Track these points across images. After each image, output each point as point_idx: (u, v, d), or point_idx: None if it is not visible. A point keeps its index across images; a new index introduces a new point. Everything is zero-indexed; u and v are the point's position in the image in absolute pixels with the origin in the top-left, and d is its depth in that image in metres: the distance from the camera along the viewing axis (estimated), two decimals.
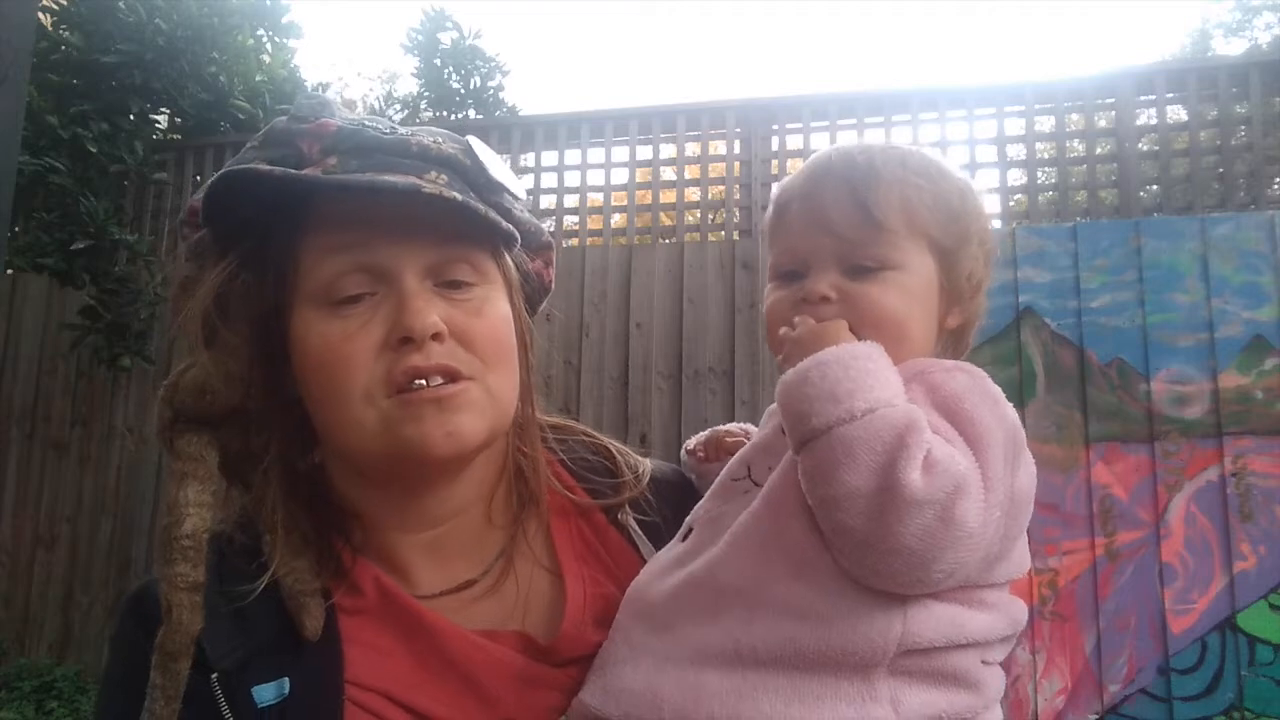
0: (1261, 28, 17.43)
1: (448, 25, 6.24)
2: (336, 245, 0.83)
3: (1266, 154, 4.75)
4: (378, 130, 0.88)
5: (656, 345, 5.04)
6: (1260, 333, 4.02)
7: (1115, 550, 3.99)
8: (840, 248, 0.85)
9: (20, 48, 2.78)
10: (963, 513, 0.70)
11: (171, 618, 0.79)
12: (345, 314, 0.83)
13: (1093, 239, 4.28)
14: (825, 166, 0.89)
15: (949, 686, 0.76)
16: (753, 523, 0.80)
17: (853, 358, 0.77)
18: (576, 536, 0.97)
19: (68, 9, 5.92)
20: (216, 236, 0.87)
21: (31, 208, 5.80)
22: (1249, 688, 3.78)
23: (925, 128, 5.16)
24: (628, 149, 5.63)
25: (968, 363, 0.85)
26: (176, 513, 0.83)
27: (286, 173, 0.81)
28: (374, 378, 0.81)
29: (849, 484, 0.71)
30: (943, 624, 0.75)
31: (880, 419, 0.72)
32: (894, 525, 0.69)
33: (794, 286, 0.88)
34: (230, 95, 6.20)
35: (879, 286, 0.84)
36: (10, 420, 5.92)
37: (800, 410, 0.75)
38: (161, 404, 0.89)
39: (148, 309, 5.63)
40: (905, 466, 0.70)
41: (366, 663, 0.83)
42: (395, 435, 0.81)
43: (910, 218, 0.85)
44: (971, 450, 0.74)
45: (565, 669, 0.87)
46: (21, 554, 5.76)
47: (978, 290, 0.91)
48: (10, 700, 5.03)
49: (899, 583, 0.72)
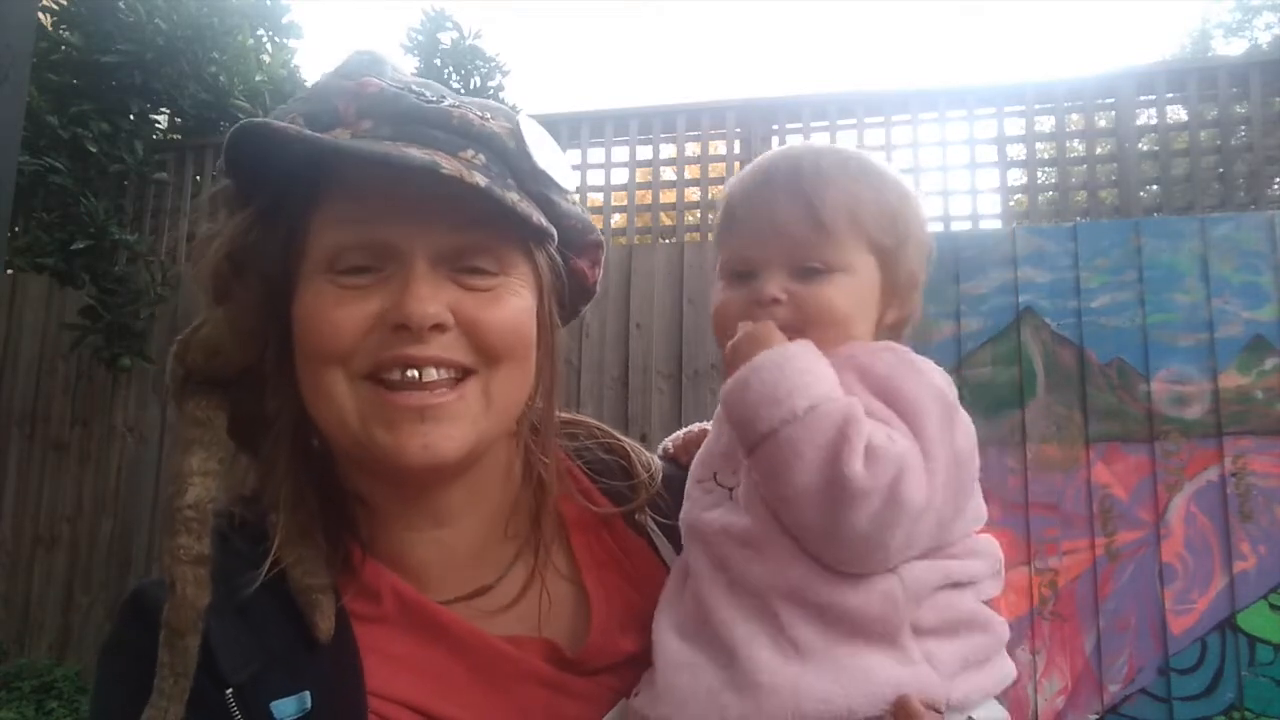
0: (1261, 28, 17.44)
1: (448, 25, 6.23)
2: (349, 215, 0.78)
3: (1266, 154, 4.75)
4: (421, 97, 0.81)
5: (656, 345, 5.04)
6: (1260, 333, 4.01)
7: (1115, 550, 3.99)
8: (789, 250, 0.88)
9: (20, 48, 2.78)
10: (907, 491, 0.74)
11: (175, 592, 0.74)
12: (345, 283, 0.78)
13: (1093, 239, 4.28)
14: (772, 170, 0.91)
15: (965, 632, 0.81)
16: (741, 532, 0.82)
17: (785, 358, 0.80)
18: (595, 542, 0.94)
19: (68, 9, 5.92)
20: (237, 188, 0.83)
21: (31, 208, 5.80)
22: (1249, 688, 3.78)
23: (925, 128, 5.16)
24: (628, 149, 5.63)
25: (893, 342, 0.88)
26: (180, 482, 0.78)
27: (301, 132, 0.75)
28: (361, 355, 0.77)
29: (800, 482, 0.75)
30: (933, 569, 0.80)
31: (820, 414, 0.76)
32: (846, 516, 0.73)
33: (744, 288, 0.90)
34: (230, 95, 6.20)
35: (827, 288, 0.87)
36: (10, 420, 5.92)
37: (745, 416, 0.79)
38: (173, 361, 0.84)
39: (148, 309, 5.63)
40: (848, 458, 0.73)
41: (387, 673, 0.79)
42: (368, 433, 0.78)
43: (855, 221, 0.88)
44: (907, 424, 0.78)
45: (593, 678, 0.84)
46: (21, 554, 5.76)
47: (915, 288, 0.95)
48: (10, 700, 5.02)
49: (863, 565, 0.77)
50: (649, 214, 5.82)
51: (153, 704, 0.73)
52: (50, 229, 5.59)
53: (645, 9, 45.10)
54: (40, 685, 5.19)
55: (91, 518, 5.70)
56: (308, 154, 0.77)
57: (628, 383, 5.04)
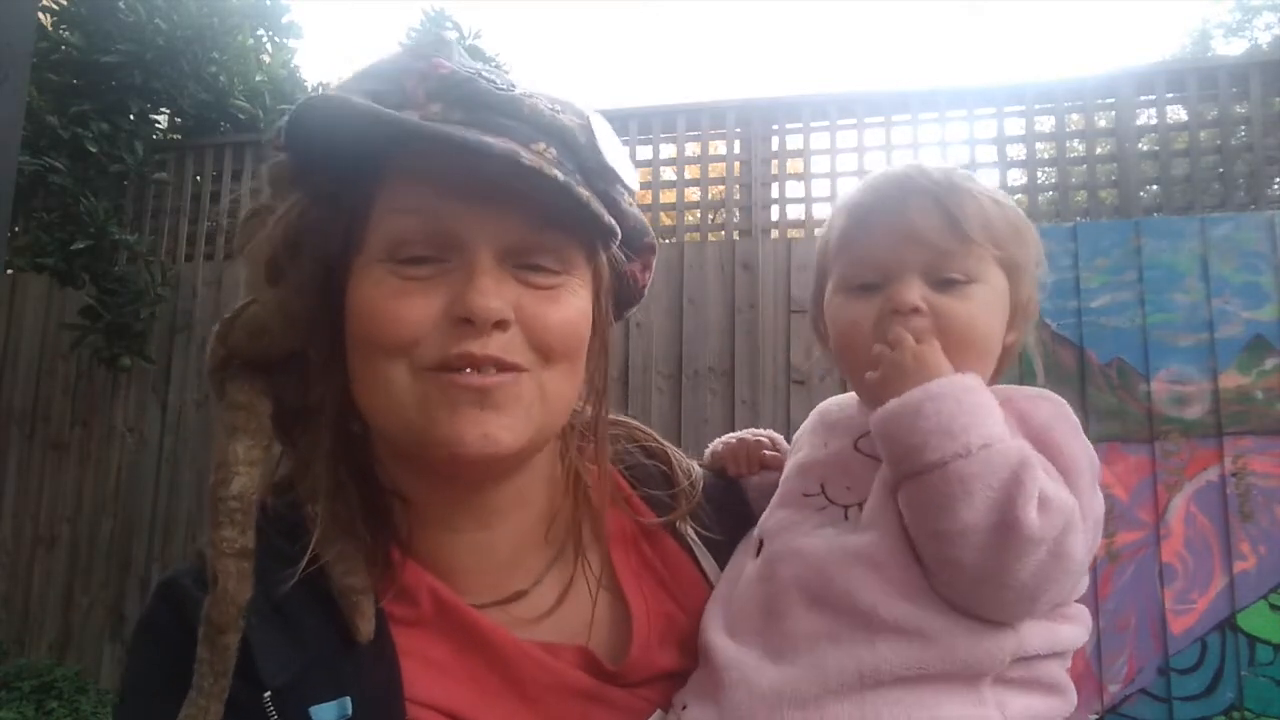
0: (1261, 28, 17.45)
1: (448, 25, 6.23)
2: (414, 202, 0.75)
3: (1266, 154, 4.75)
4: (492, 84, 0.78)
5: (656, 345, 5.04)
6: (1260, 333, 4.02)
7: (1115, 550, 3.99)
8: (927, 259, 0.85)
9: (20, 48, 2.78)
10: (1072, 546, 0.73)
11: (218, 586, 0.71)
12: (406, 274, 0.75)
13: (1093, 239, 4.28)
14: (905, 180, 0.89)
15: (1043, 692, 0.79)
16: (861, 549, 0.79)
17: (965, 391, 0.77)
18: (634, 552, 0.91)
19: (68, 9, 5.92)
20: (296, 165, 0.79)
21: (31, 208, 5.80)
22: (1249, 688, 3.78)
23: (925, 128, 5.16)
24: (628, 149, 5.62)
25: (1046, 390, 0.86)
26: (224, 471, 0.75)
27: (375, 110, 0.72)
28: (423, 350, 0.74)
29: (966, 520, 0.72)
30: (1044, 635, 0.78)
31: (996, 454, 0.73)
32: (1010, 563, 0.71)
33: (874, 298, 0.86)
34: (230, 95, 6.19)
35: (967, 302, 0.85)
36: (10, 420, 5.92)
37: (911, 443, 0.76)
38: (215, 341, 0.80)
39: (148, 309, 5.63)
40: (1023, 504, 0.71)
41: (425, 678, 0.77)
42: (427, 420, 0.74)
43: (990, 233, 0.86)
44: (1063, 477, 0.76)
45: (631, 690, 0.83)
46: (21, 554, 5.76)
47: (1032, 314, 0.93)
48: (10, 700, 5.02)
49: (1006, 614, 0.75)
50: (649, 214, 5.80)
51: (191, 702, 0.70)
52: (50, 229, 5.59)
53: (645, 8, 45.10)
54: (40, 685, 5.19)
55: (91, 518, 5.70)
56: (382, 134, 0.73)
57: (628, 383, 5.03)
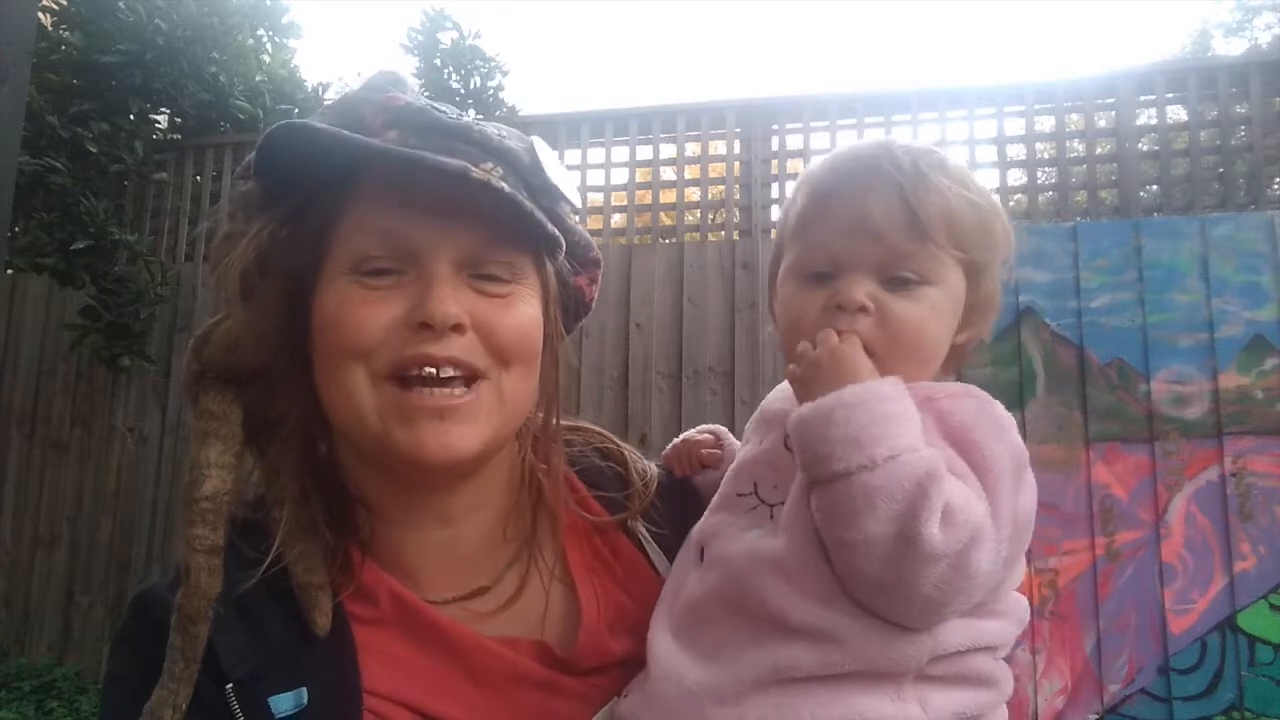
0: (1261, 28, 17.44)
1: (448, 25, 6.23)
2: (376, 218, 0.82)
3: (1266, 154, 4.75)
4: (443, 113, 0.86)
5: (656, 345, 5.04)
6: (1260, 333, 4.02)
7: (1115, 550, 3.99)
8: (881, 255, 0.82)
9: (20, 48, 2.78)
10: (976, 561, 0.71)
11: (190, 580, 0.78)
12: (369, 284, 0.82)
13: (1093, 239, 4.28)
14: (871, 165, 0.84)
15: (970, 686, 0.78)
16: (773, 554, 0.79)
17: (878, 400, 0.74)
18: (585, 545, 0.96)
19: (68, 9, 5.92)
20: (263, 191, 0.85)
21: (31, 208, 5.80)
22: (1249, 688, 3.78)
23: (925, 128, 5.16)
24: (628, 149, 5.63)
25: (973, 386, 0.83)
26: (197, 473, 0.82)
27: (339, 133, 0.79)
28: (383, 353, 0.80)
29: (868, 531, 0.71)
30: (965, 632, 0.77)
31: (902, 466, 0.71)
32: (911, 575, 0.70)
33: (824, 289, 0.84)
34: (230, 95, 6.20)
35: (917, 304, 0.82)
36: (10, 420, 5.92)
37: (820, 451, 0.74)
38: (190, 356, 0.87)
39: (148, 309, 5.63)
40: (925, 518, 0.69)
41: (384, 672, 0.82)
42: (388, 432, 0.80)
43: (951, 230, 0.83)
44: (980, 482, 0.74)
45: (585, 678, 0.86)
46: (21, 554, 5.76)
47: (992, 310, 0.90)
48: (10, 700, 5.02)
49: (912, 622, 0.74)
50: (649, 214, 5.81)
51: (162, 685, 0.76)
52: (50, 229, 5.59)
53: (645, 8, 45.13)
54: (40, 685, 5.19)
55: (91, 518, 5.70)
56: (345, 156, 0.79)
57: (628, 383, 5.03)
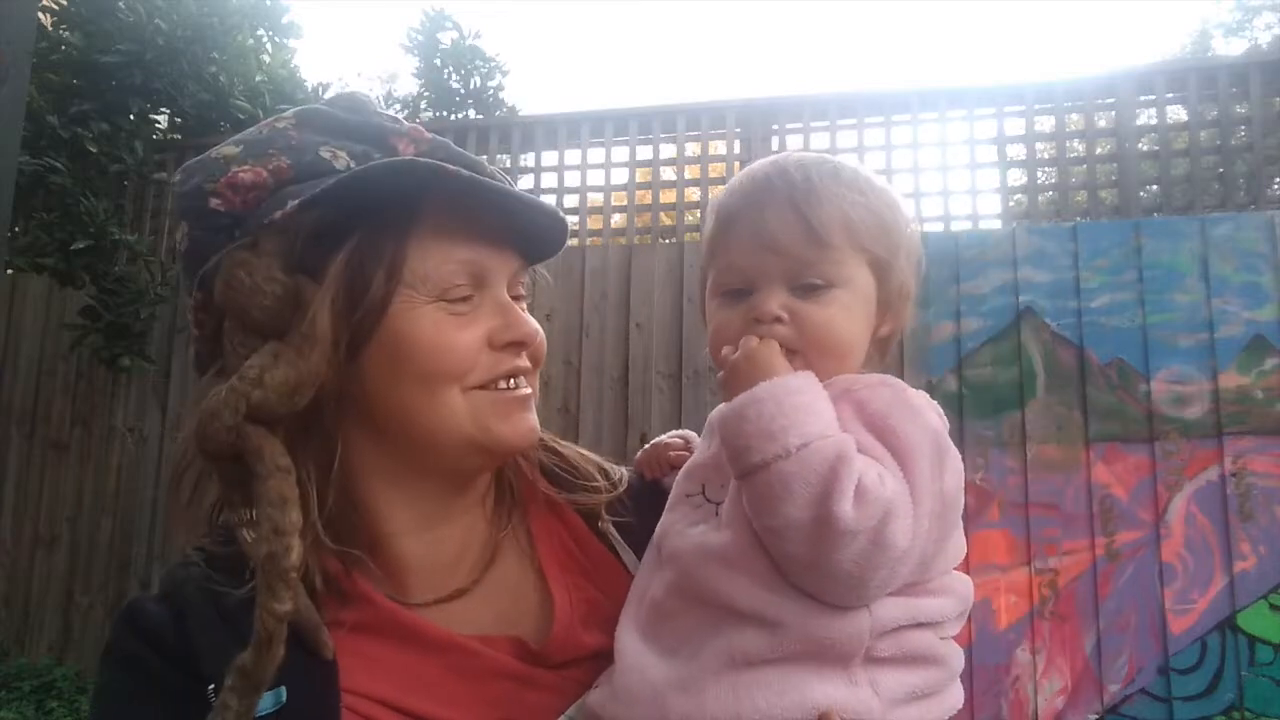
0: (1261, 28, 17.45)
1: (448, 25, 6.24)
2: (455, 249, 0.88)
3: (1266, 154, 4.75)
4: (450, 144, 0.93)
5: (656, 345, 5.04)
6: (1260, 333, 4.02)
7: (1115, 550, 3.99)
8: (787, 266, 0.87)
9: (20, 48, 2.78)
10: (892, 535, 0.75)
11: (271, 650, 0.76)
12: (457, 311, 0.88)
13: (1093, 239, 4.28)
14: (765, 184, 0.90)
15: (917, 665, 0.82)
16: (718, 545, 0.83)
17: (786, 393, 0.79)
18: (558, 545, 0.99)
19: (68, 9, 5.92)
20: (325, 223, 0.84)
21: (31, 208, 5.80)
22: (1249, 688, 3.78)
23: (925, 128, 5.16)
24: (628, 149, 5.63)
25: (889, 376, 0.88)
26: (285, 541, 0.77)
27: (459, 171, 0.84)
28: (478, 371, 0.88)
29: (789, 515, 0.76)
30: (903, 609, 0.81)
31: (813, 452, 0.76)
32: (829, 553, 0.75)
33: (742, 304, 0.90)
34: (230, 95, 6.19)
35: (827, 307, 0.87)
36: (10, 420, 5.92)
37: (738, 445, 0.79)
38: (235, 399, 0.80)
39: (148, 309, 5.63)
40: (837, 499, 0.74)
41: (363, 672, 0.83)
42: (485, 429, 0.88)
43: (850, 234, 0.88)
44: (899, 464, 0.78)
45: (559, 671, 0.89)
46: (21, 554, 5.76)
47: (907, 300, 0.94)
48: (10, 700, 5.03)
49: (841, 600, 0.78)
50: (649, 214, 5.81)
51: None
52: (50, 229, 5.58)
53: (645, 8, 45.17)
54: (40, 685, 5.19)
55: (91, 518, 5.70)
56: (411, 187, 0.84)
57: (628, 382, 5.04)
